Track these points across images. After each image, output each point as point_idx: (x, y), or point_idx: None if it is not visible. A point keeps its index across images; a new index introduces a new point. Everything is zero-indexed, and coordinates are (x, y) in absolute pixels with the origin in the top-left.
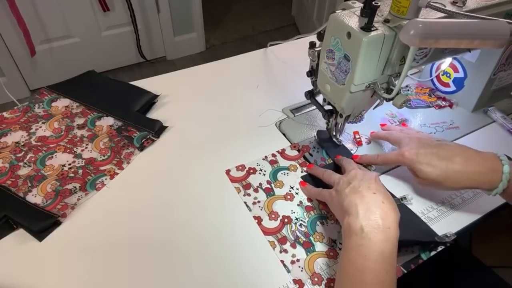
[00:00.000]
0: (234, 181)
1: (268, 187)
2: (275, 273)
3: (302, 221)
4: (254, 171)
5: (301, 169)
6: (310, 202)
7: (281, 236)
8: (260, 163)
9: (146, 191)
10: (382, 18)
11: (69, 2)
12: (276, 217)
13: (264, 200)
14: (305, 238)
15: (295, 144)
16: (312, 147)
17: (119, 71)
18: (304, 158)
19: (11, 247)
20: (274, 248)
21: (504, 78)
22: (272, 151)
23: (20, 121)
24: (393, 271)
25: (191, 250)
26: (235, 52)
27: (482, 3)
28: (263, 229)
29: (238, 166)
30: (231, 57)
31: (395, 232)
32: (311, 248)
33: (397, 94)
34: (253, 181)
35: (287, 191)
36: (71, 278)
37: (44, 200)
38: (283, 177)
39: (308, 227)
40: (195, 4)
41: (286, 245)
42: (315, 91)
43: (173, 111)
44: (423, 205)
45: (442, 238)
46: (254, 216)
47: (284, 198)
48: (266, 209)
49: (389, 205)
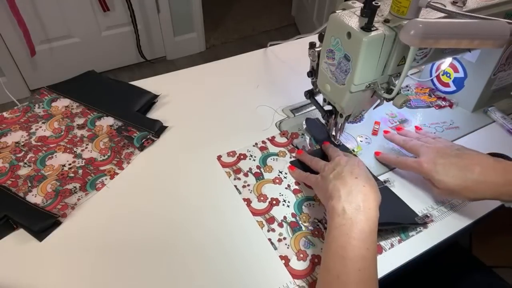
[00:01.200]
0: (225, 166)
1: (257, 172)
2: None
3: (289, 202)
4: (245, 156)
5: (289, 155)
6: (297, 185)
7: (269, 217)
8: (251, 149)
9: (146, 191)
10: (382, 18)
11: (69, 2)
12: (264, 199)
13: (253, 184)
14: (292, 218)
15: (284, 131)
16: (300, 134)
17: (119, 71)
18: (292, 145)
19: (11, 247)
20: (262, 227)
21: (504, 78)
22: (262, 139)
23: (20, 121)
24: (374, 247)
25: (191, 250)
26: (235, 52)
27: (482, 3)
28: (252, 210)
29: (229, 152)
30: (231, 57)
31: (375, 212)
32: (297, 228)
33: (397, 94)
34: (243, 166)
35: (276, 175)
36: (71, 278)
37: (44, 200)
38: (272, 162)
39: (295, 208)
40: (195, 4)
41: (273, 224)
42: (315, 91)
43: (173, 111)
44: (423, 205)
45: (422, 219)
46: (243, 199)
47: (273, 182)
48: (255, 192)
49: (370, 188)
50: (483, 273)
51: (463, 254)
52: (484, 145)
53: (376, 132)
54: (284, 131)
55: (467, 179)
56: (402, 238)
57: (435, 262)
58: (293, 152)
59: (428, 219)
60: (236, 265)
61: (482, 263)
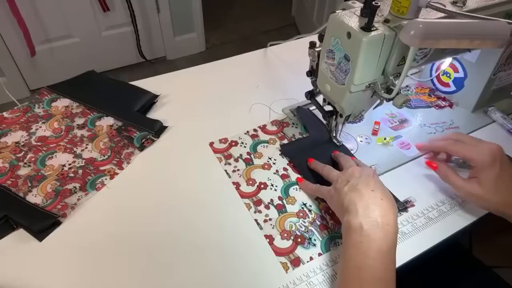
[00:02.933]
0: (217, 152)
1: (247, 158)
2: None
3: (277, 187)
4: (236, 143)
5: (279, 142)
6: (285, 171)
7: (257, 199)
8: (242, 136)
9: (146, 191)
10: (382, 18)
11: (69, 2)
12: (253, 183)
13: (243, 169)
14: (278, 201)
15: (275, 120)
16: (291, 123)
17: (119, 71)
18: (282, 133)
19: (11, 247)
20: (249, 209)
21: (504, 78)
22: (254, 127)
23: (20, 121)
24: (392, 266)
25: (192, 250)
26: (235, 52)
27: (482, 3)
28: (241, 193)
29: (221, 139)
30: (231, 57)
31: (393, 228)
32: (283, 210)
33: (397, 94)
34: (234, 152)
35: (265, 161)
36: (71, 278)
37: (44, 200)
38: (263, 149)
39: (282, 192)
40: (195, 4)
41: (260, 206)
42: (315, 91)
43: (173, 111)
44: (423, 205)
45: (403, 205)
46: (232, 182)
47: (262, 168)
48: (244, 176)
49: (388, 202)
50: (483, 273)
51: (463, 254)
52: None
53: (376, 132)
54: (275, 120)
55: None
56: None
57: (435, 262)
58: (283, 139)
59: (409, 204)
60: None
61: (482, 263)
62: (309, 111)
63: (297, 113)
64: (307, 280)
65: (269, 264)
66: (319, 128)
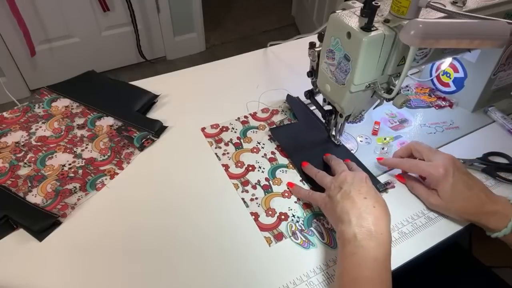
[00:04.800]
0: (208, 136)
1: (237, 142)
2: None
3: (264, 169)
4: (227, 129)
5: (268, 128)
6: (273, 154)
7: (244, 180)
8: (233, 122)
9: (146, 191)
10: (382, 18)
11: (69, 2)
12: (242, 165)
13: (232, 152)
14: (265, 182)
15: (266, 108)
16: (281, 110)
17: (119, 71)
18: (272, 120)
19: (11, 247)
20: (237, 189)
21: (504, 78)
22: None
23: (20, 121)
24: (387, 276)
25: (192, 250)
26: (235, 52)
27: (482, 3)
28: (229, 174)
29: (212, 125)
30: (231, 57)
31: (387, 237)
32: (269, 190)
33: (397, 94)
34: (224, 137)
35: (254, 145)
36: (71, 278)
37: (44, 200)
38: (252, 134)
39: (269, 174)
40: (195, 4)
41: (247, 186)
42: (315, 91)
43: (173, 111)
44: (423, 205)
45: (383, 186)
46: (222, 164)
47: (251, 151)
48: (234, 158)
49: (380, 208)
50: (482, 273)
51: (463, 254)
52: (484, 145)
53: (376, 132)
54: (266, 107)
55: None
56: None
57: (435, 262)
58: (272, 125)
59: (389, 185)
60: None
61: (482, 263)
62: (299, 99)
63: (286, 100)
64: (307, 280)
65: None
66: (307, 115)
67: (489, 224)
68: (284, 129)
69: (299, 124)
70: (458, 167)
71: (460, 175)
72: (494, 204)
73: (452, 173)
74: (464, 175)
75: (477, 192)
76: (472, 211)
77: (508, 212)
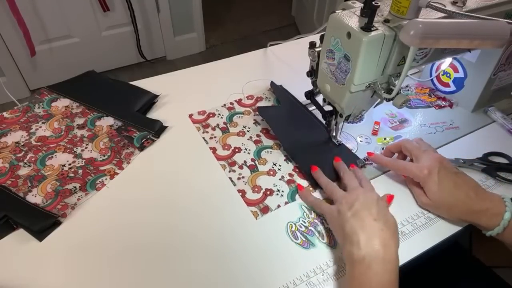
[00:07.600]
0: (196, 122)
1: (224, 127)
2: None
3: (250, 150)
4: (214, 115)
5: (253, 114)
6: (258, 137)
7: (231, 161)
8: (219, 109)
9: (146, 191)
10: (382, 18)
11: (69, 2)
12: (228, 148)
13: (219, 136)
14: (251, 162)
15: (250, 95)
16: (265, 97)
17: (119, 71)
18: (257, 106)
19: (11, 247)
20: (224, 169)
21: (504, 78)
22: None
23: (20, 121)
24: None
25: (193, 249)
26: (235, 52)
27: (482, 3)
28: (217, 156)
29: (199, 111)
30: (231, 57)
31: (395, 263)
32: (255, 169)
33: (397, 94)
34: (212, 122)
35: (240, 129)
36: (71, 278)
37: (44, 200)
38: (238, 119)
39: (255, 155)
40: (195, 4)
41: (234, 167)
42: (315, 91)
43: (173, 111)
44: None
45: (362, 161)
46: (210, 147)
47: (237, 135)
48: (221, 142)
49: (389, 232)
50: (483, 273)
51: (463, 254)
52: (484, 145)
53: (376, 132)
54: (250, 95)
55: (459, 199)
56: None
57: (435, 262)
58: (257, 111)
59: (367, 161)
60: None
61: (482, 263)
62: (282, 87)
63: (271, 86)
64: (307, 280)
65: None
66: (290, 101)
67: (481, 222)
68: (270, 109)
69: (281, 107)
70: (445, 166)
71: (447, 174)
72: (484, 202)
73: (437, 173)
74: (453, 174)
75: (465, 190)
76: (461, 209)
77: (500, 210)
